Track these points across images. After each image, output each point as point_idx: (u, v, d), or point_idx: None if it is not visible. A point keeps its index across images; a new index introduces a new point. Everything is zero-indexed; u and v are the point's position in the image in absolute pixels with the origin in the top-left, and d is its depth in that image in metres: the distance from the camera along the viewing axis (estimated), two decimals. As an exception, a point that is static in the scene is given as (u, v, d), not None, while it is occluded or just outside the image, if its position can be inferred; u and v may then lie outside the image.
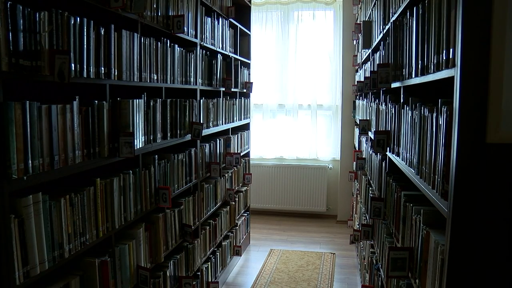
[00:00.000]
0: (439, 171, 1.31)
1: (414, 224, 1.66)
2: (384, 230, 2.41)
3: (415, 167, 1.63)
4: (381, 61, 2.67)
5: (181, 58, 2.81)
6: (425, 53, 1.49)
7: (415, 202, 1.73)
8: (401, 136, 1.97)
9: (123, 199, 2.08)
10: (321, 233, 5.32)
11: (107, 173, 2.04)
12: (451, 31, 1.21)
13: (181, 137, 2.81)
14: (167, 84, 2.59)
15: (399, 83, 2.05)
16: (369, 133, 3.35)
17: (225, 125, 3.86)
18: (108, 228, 1.95)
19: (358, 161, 3.79)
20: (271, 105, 5.99)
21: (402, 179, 2.13)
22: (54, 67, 1.47)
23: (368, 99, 3.59)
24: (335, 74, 5.77)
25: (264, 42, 5.90)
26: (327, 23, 5.76)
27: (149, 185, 2.38)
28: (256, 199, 5.92)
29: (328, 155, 5.93)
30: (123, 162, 2.13)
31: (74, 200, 1.69)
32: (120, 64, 2.01)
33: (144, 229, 2.31)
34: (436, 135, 1.35)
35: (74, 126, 1.66)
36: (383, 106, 2.61)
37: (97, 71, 1.83)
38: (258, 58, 5.88)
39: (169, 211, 2.65)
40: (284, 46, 5.85)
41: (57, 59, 1.46)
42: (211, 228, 3.55)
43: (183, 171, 2.88)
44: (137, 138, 2.16)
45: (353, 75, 5.54)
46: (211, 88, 3.48)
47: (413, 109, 1.70)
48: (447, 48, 1.24)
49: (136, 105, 2.12)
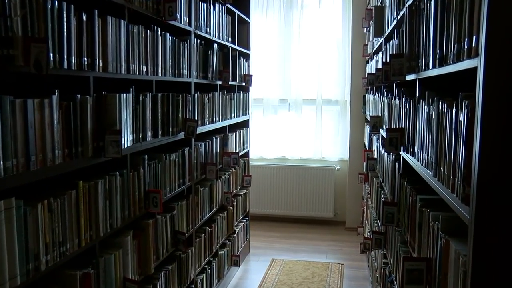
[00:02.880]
0: (459, 172, 1.30)
1: (431, 231, 1.66)
2: (398, 238, 2.41)
3: (432, 168, 1.63)
4: (395, 51, 2.68)
5: (173, 48, 2.80)
6: (444, 42, 1.48)
7: (433, 207, 1.73)
8: (416, 134, 1.98)
9: (109, 204, 2.08)
10: (328, 241, 5.32)
11: (91, 175, 2.03)
12: (475, 16, 1.20)
13: (174, 135, 2.81)
14: (158, 77, 2.59)
15: (415, 75, 2.05)
16: (381, 131, 3.37)
17: (222, 122, 3.87)
18: (91, 236, 1.94)
19: (369, 161, 3.80)
20: (273, 100, 5.99)
21: (417, 181, 2.13)
22: (30, 57, 1.45)
23: (380, 93, 3.60)
24: (343, 65, 5.77)
25: (265, 31, 5.90)
26: (335, 9, 5.76)
27: (138, 188, 2.38)
28: (256, 204, 5.92)
29: (335, 155, 5.93)
30: (109, 163, 2.12)
31: (53, 206, 1.67)
32: (106, 54, 2.00)
33: (132, 237, 2.30)
34: (455, 133, 1.35)
35: (54, 123, 1.64)
36: (396, 100, 2.62)
37: (80, 62, 1.82)
38: (259, 48, 5.88)
39: (160, 217, 2.65)
40: (287, 34, 5.84)
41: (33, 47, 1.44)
42: (207, 236, 3.55)
43: (176, 173, 2.88)
44: (125, 136, 2.16)
45: (363, 66, 5.53)
46: (207, 81, 3.48)
47: (430, 104, 1.70)
48: (470, 36, 1.23)
49: (123, 100, 2.12)
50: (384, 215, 2.52)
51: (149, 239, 2.48)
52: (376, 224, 3.50)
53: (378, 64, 3.73)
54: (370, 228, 4.04)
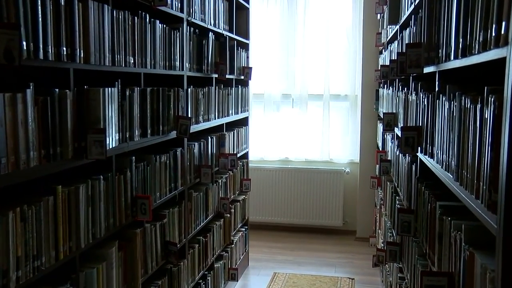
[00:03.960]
0: (484, 176, 1.30)
1: (453, 242, 1.65)
2: (415, 250, 2.41)
3: (453, 171, 1.63)
4: (412, 40, 2.69)
5: (164, 37, 2.81)
6: (469, 29, 1.48)
7: (454, 216, 1.73)
8: (435, 133, 1.98)
9: (91, 212, 2.07)
10: (337, 253, 5.32)
11: (71, 179, 2.03)
12: (504, 0, 1.18)
13: (165, 135, 2.81)
14: (147, 69, 2.60)
15: (434, 67, 2.06)
16: (396, 130, 3.38)
17: (218, 120, 3.87)
18: (71, 248, 1.93)
19: (382, 163, 3.81)
20: (275, 95, 5.99)
21: (437, 186, 2.13)
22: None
23: (395, 87, 3.61)
24: (354, 56, 5.77)
25: (266, 18, 5.90)
26: (344, -5, 5.76)
27: (125, 194, 2.38)
28: (257, 211, 5.93)
29: (344, 156, 5.94)
30: (91, 165, 2.12)
31: (26, 214, 1.66)
32: (87, 43, 2.00)
33: (117, 248, 2.30)
34: (480, 132, 1.35)
35: (28, 121, 1.63)
36: (413, 96, 2.62)
37: (58, 52, 1.81)
38: (259, 38, 5.88)
39: (149, 226, 2.65)
40: (290, 22, 5.85)
41: (2, 35, 1.43)
42: (201, 247, 3.55)
43: (167, 176, 2.89)
44: (110, 135, 2.16)
45: (376, 57, 5.54)
46: (201, 75, 3.47)
47: (451, 100, 1.70)
48: (498, 22, 1.22)
49: (108, 95, 2.12)
50: (400, 223, 2.53)
51: (137, 251, 2.48)
52: (391, 234, 3.51)
53: (393, 55, 3.74)
54: (384, 238, 4.05)
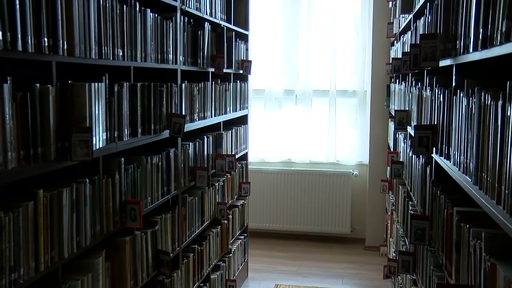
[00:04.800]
0: (506, 180, 1.30)
1: (472, 252, 1.65)
2: (430, 260, 2.42)
3: (472, 174, 1.63)
4: (426, 31, 2.70)
5: (156, 27, 2.81)
6: (490, 18, 1.47)
7: (473, 222, 1.73)
8: (452, 132, 1.99)
9: (76, 218, 2.06)
10: (344, 263, 5.32)
11: (54, 183, 2.02)
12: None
13: (156, 134, 2.82)
14: (137, 63, 2.60)
15: (451, 60, 2.06)
16: (409, 129, 3.39)
17: (215, 118, 3.88)
18: (53, 259, 1.92)
19: (394, 166, 3.82)
20: (276, 91, 6.00)
21: (454, 190, 2.14)
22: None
23: (407, 82, 3.61)
24: (363, 49, 5.78)
25: (267, 6, 5.91)
26: (352, -18, 5.76)
27: (113, 199, 2.37)
28: (257, 217, 5.93)
29: (352, 157, 5.95)
30: (76, 167, 2.12)
31: (3, 221, 1.65)
32: (71, 34, 1.99)
33: (104, 258, 2.29)
34: (502, 131, 1.35)
35: (6, 119, 1.62)
36: (427, 91, 2.63)
37: (38, 43, 1.79)
38: (259, 28, 5.89)
39: (139, 233, 2.65)
40: (293, 11, 5.86)
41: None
42: (196, 256, 3.55)
43: (159, 180, 2.89)
44: (96, 135, 2.15)
45: (387, 50, 5.55)
46: (196, 69, 3.48)
47: (470, 96, 1.70)
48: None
49: (94, 91, 2.11)
50: (413, 231, 2.53)
51: (126, 261, 2.48)
52: (403, 243, 3.51)
53: (406, 46, 3.75)
54: (396, 247, 4.05)
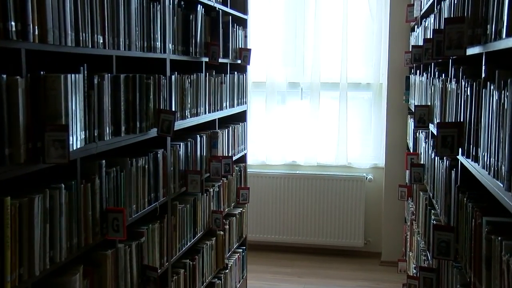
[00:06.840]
0: None
1: (505, 269, 1.64)
2: (456, 277, 2.41)
3: (504, 179, 1.63)
4: (452, 14, 2.68)
5: (141, 10, 2.80)
6: None
7: (506, 235, 1.71)
8: (480, 131, 1.98)
9: (49, 229, 2.06)
10: (357, 280, 5.33)
11: (24, 189, 2.02)
12: None
13: (143, 133, 2.82)
14: (120, 51, 2.60)
15: (480, 47, 2.06)
16: (431, 126, 3.38)
17: (210, 115, 3.88)
18: (21, 277, 1.91)
19: (413, 169, 3.83)
20: (279, 83, 6.01)
21: (482, 197, 2.14)
22: None
23: (430, 73, 3.61)
24: (378, 36, 5.80)
25: (269, -12, 5.90)
26: (365, -41, 5.77)
27: (93, 207, 2.37)
28: (257, 227, 5.95)
29: (366, 160, 5.97)
30: (51, 171, 2.11)
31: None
32: (44, 18, 1.98)
33: (82, 275, 2.29)
34: None
35: (-31, 115, 1.63)
36: (452, 84, 2.62)
37: (4, 28, 1.79)
38: (260, 13, 5.88)
39: (122, 246, 2.65)
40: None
41: None
42: (188, 272, 3.55)
43: (146, 185, 2.89)
44: (73, 134, 2.15)
45: (406, 36, 5.55)
46: (188, 58, 3.48)
47: (502, 89, 1.68)
48: None
49: (71, 83, 2.11)
50: (436, 244, 2.52)
51: (107, 278, 2.47)
52: (425, 257, 3.51)
53: (428, 33, 3.74)
54: (417, 262, 4.04)
